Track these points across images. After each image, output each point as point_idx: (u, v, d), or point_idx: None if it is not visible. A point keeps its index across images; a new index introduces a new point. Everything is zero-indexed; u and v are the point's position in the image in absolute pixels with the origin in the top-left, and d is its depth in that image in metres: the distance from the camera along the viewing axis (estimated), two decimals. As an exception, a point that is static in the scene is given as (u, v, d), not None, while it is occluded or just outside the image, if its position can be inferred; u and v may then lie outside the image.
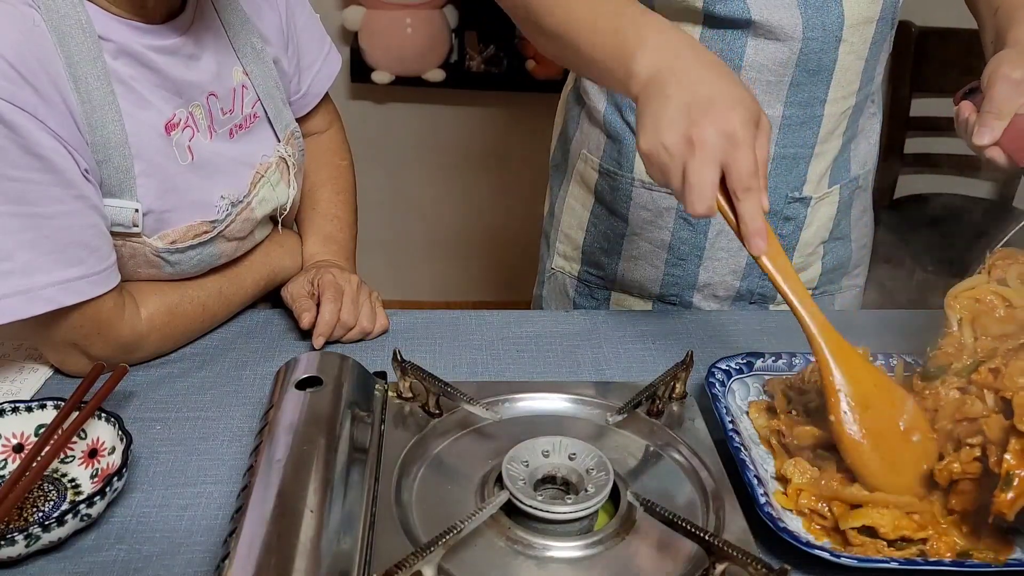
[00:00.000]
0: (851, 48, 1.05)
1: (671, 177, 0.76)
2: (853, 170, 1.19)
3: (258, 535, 0.63)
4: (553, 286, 1.29)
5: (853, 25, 1.04)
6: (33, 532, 0.69)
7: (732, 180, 0.74)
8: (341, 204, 1.19)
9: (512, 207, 2.78)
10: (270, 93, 1.04)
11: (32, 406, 0.83)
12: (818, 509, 0.76)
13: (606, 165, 1.16)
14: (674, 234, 1.16)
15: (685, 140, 0.74)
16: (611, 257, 1.21)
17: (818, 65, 1.05)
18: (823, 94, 1.08)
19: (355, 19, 2.40)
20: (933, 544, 0.72)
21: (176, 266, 0.95)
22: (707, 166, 0.73)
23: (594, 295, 1.25)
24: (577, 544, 0.69)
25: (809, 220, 1.16)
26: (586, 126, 1.19)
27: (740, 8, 1.01)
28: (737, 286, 1.19)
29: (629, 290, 1.22)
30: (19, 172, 0.80)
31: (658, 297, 1.22)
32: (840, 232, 1.21)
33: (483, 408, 0.82)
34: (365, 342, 1.03)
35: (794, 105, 1.07)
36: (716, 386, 0.87)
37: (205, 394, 0.93)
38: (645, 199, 1.15)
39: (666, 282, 1.19)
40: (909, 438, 0.76)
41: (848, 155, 1.17)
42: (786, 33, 1.02)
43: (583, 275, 1.25)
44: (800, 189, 1.14)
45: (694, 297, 1.20)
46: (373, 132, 2.63)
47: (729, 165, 0.74)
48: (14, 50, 0.78)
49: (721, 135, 0.73)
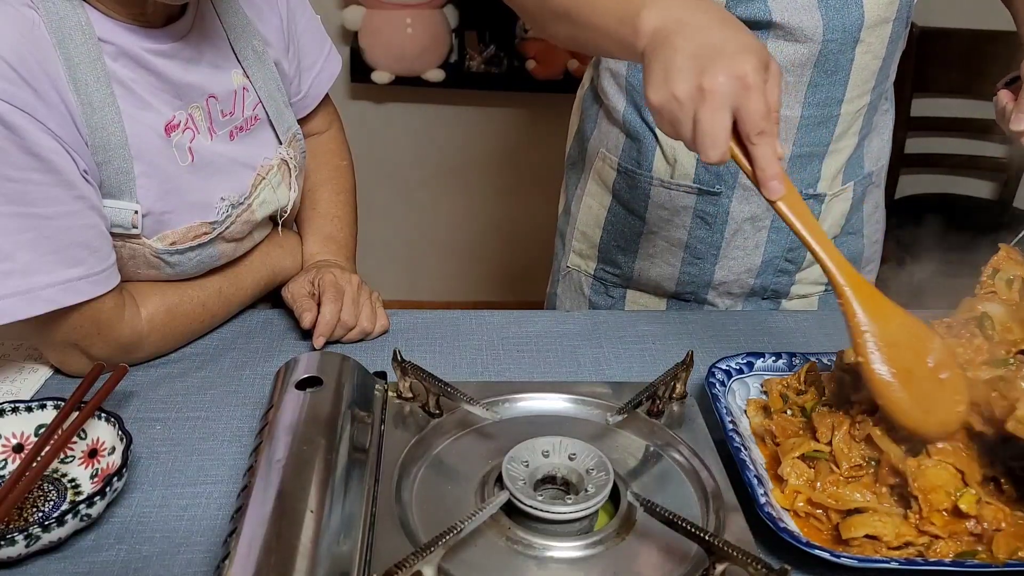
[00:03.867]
0: (868, 48, 1.06)
1: (682, 127, 0.74)
2: (867, 167, 1.19)
3: (258, 535, 0.63)
4: (568, 284, 1.30)
5: (871, 26, 1.04)
6: (33, 532, 0.69)
7: (745, 125, 0.73)
8: (341, 204, 1.19)
9: (512, 207, 2.78)
10: (271, 95, 1.04)
11: (32, 406, 0.83)
12: (815, 514, 0.76)
13: (624, 164, 1.17)
14: (691, 233, 1.16)
15: (696, 88, 0.72)
16: (627, 255, 1.21)
17: (835, 66, 1.05)
18: (840, 94, 1.08)
19: (355, 19, 2.40)
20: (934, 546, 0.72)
21: (176, 267, 0.95)
22: (719, 112, 0.72)
23: (610, 293, 1.25)
24: (577, 544, 0.69)
25: (823, 217, 1.17)
26: (604, 125, 1.20)
27: (761, 10, 1.01)
28: (752, 283, 1.20)
29: (645, 288, 1.23)
30: (19, 173, 0.80)
31: (673, 295, 1.22)
32: (852, 227, 1.22)
33: (483, 408, 0.82)
34: (365, 342, 1.03)
35: (812, 106, 1.08)
36: (716, 386, 0.87)
37: (205, 394, 0.93)
38: (663, 198, 1.15)
39: (682, 280, 1.20)
40: (938, 375, 0.75)
41: (862, 152, 1.17)
42: (806, 35, 1.02)
43: (599, 273, 1.26)
44: (815, 186, 1.14)
45: (709, 295, 1.21)
46: (373, 132, 2.63)
47: (741, 110, 0.72)
48: (14, 51, 0.78)
49: (732, 80, 0.72)
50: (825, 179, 1.14)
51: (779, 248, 1.17)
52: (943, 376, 0.76)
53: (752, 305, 1.22)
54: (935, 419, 0.75)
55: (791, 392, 0.87)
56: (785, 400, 0.87)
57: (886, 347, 0.75)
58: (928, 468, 0.73)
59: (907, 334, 0.77)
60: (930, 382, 0.75)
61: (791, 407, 0.86)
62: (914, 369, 0.75)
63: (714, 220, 1.15)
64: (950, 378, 0.76)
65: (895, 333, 0.76)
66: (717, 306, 1.22)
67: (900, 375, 0.75)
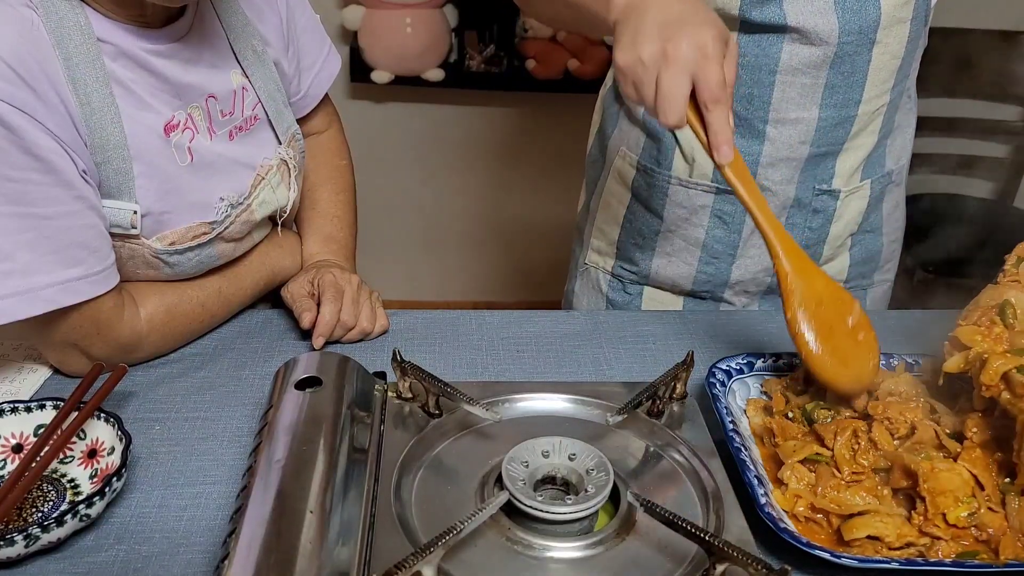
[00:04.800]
0: (885, 48, 1.06)
1: (644, 89, 0.79)
2: (888, 165, 1.19)
3: (258, 535, 0.63)
4: (586, 281, 1.30)
5: (887, 26, 1.04)
6: (32, 532, 0.69)
7: (702, 92, 0.78)
8: (341, 204, 1.19)
9: (512, 206, 2.78)
10: (271, 95, 1.04)
11: (31, 406, 0.82)
12: (815, 519, 0.76)
13: (644, 162, 1.18)
14: (708, 232, 1.17)
15: (660, 52, 0.78)
16: (645, 253, 1.22)
17: (852, 67, 1.05)
18: (858, 95, 1.08)
19: (355, 18, 2.40)
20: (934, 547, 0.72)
21: (175, 267, 0.95)
22: (679, 76, 0.77)
23: (627, 290, 1.26)
24: (577, 544, 0.69)
25: (839, 213, 1.17)
26: (625, 124, 1.21)
27: (776, 14, 1.02)
28: (768, 281, 1.20)
29: (662, 286, 1.24)
30: (19, 173, 0.80)
31: (690, 293, 1.23)
32: (870, 225, 1.21)
33: (483, 408, 0.82)
34: (365, 342, 1.02)
35: (830, 107, 1.08)
36: (716, 386, 0.87)
37: (205, 394, 0.93)
38: (681, 197, 1.16)
39: (699, 279, 1.20)
40: (856, 335, 0.84)
41: (884, 150, 1.17)
42: (821, 37, 1.02)
43: (616, 270, 1.26)
44: (829, 182, 1.14)
45: (725, 293, 1.21)
46: (373, 132, 2.62)
47: (699, 77, 0.77)
48: (13, 51, 0.78)
49: (693, 48, 0.77)
50: (840, 176, 1.14)
51: None
52: (860, 337, 0.84)
53: (769, 303, 1.23)
54: (850, 372, 0.83)
55: (790, 392, 0.87)
56: (787, 401, 0.87)
57: (812, 304, 0.83)
58: (941, 472, 0.73)
59: (831, 296, 0.84)
60: (848, 339, 0.84)
61: (791, 409, 0.86)
62: (835, 326, 0.84)
63: (732, 220, 1.15)
64: (866, 338, 0.85)
65: (821, 292, 0.84)
66: (734, 305, 1.22)
67: (822, 331, 0.82)
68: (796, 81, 1.06)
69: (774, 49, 1.04)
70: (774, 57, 1.04)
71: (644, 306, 1.25)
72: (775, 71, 1.05)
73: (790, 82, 1.06)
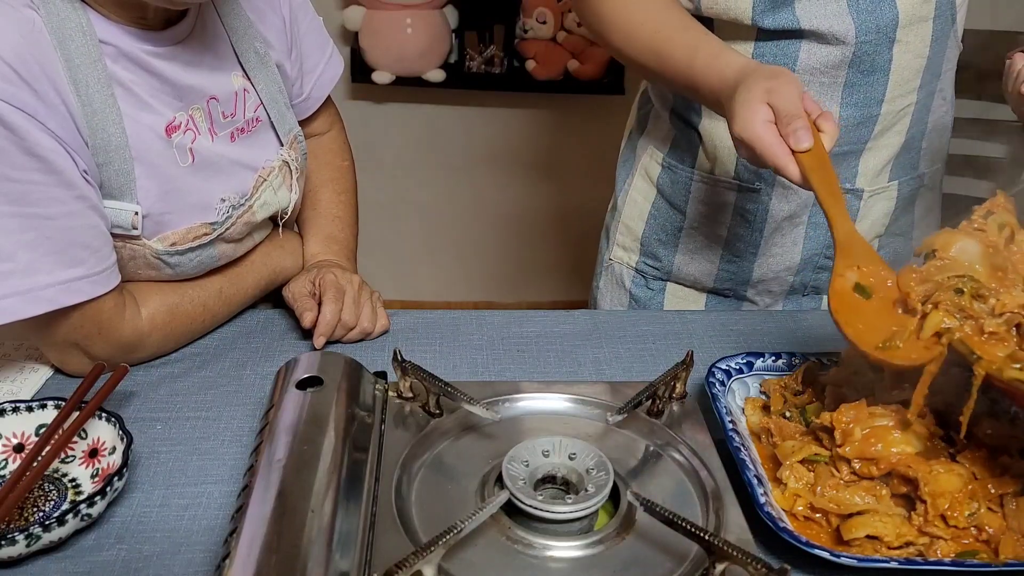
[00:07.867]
0: (907, 47, 1.06)
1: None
2: (921, 167, 1.18)
3: (258, 535, 0.63)
4: (610, 277, 1.31)
5: (906, 25, 1.04)
6: (34, 532, 0.69)
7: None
8: (342, 204, 1.19)
9: (513, 207, 2.78)
10: (273, 97, 1.04)
11: (33, 406, 0.83)
12: (814, 518, 0.76)
13: (669, 159, 1.19)
14: (730, 230, 1.17)
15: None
16: (668, 249, 1.23)
17: (872, 66, 1.05)
18: (880, 94, 1.08)
19: (355, 19, 2.40)
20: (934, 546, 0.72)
21: (176, 268, 0.95)
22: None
23: (650, 286, 1.27)
24: (577, 544, 0.69)
25: (863, 213, 1.16)
26: (653, 123, 1.23)
27: (790, 19, 1.02)
28: (791, 281, 1.20)
29: (684, 282, 1.24)
30: (20, 173, 0.80)
31: (712, 291, 1.23)
32: (899, 228, 1.21)
33: (483, 408, 0.82)
34: (365, 342, 1.03)
35: (850, 106, 1.08)
36: (716, 386, 0.88)
37: (205, 394, 0.93)
38: (704, 193, 1.16)
39: (720, 277, 1.21)
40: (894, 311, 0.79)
41: (917, 152, 1.17)
42: (838, 38, 1.03)
43: (640, 265, 1.27)
44: (852, 181, 1.14)
45: (748, 292, 1.22)
46: (373, 132, 2.62)
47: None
48: (14, 52, 0.79)
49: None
50: (864, 175, 1.14)
51: (818, 245, 1.17)
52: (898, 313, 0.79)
53: (793, 303, 1.23)
54: (873, 338, 0.77)
55: (788, 393, 0.88)
56: (785, 401, 0.87)
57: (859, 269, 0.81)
58: (940, 475, 0.73)
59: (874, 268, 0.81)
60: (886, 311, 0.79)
61: (789, 408, 0.86)
62: (877, 292, 0.80)
63: (754, 217, 1.15)
64: (901, 316, 0.79)
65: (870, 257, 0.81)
66: (757, 304, 1.23)
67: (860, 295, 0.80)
68: (815, 80, 1.06)
69: (792, 49, 1.05)
70: (792, 57, 1.05)
71: (666, 302, 1.25)
72: (794, 70, 1.05)
73: (809, 81, 1.06)
